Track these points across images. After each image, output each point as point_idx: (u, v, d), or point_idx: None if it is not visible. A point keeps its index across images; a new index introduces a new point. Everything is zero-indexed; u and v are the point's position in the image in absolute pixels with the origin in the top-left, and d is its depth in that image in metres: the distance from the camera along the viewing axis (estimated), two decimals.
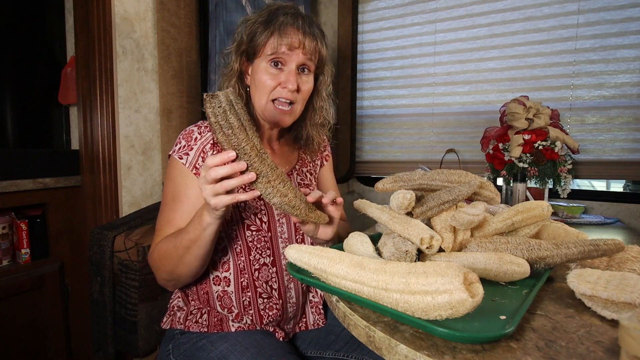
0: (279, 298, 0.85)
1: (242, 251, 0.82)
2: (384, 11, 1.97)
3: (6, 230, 1.37)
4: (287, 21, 0.78)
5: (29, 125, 1.78)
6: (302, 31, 0.78)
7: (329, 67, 0.89)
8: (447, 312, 0.40)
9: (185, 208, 0.78)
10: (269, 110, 0.81)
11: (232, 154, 0.59)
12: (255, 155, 0.61)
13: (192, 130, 0.82)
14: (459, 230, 0.67)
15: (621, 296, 0.46)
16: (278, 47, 0.77)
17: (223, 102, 0.59)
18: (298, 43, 0.78)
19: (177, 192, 0.79)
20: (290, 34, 0.77)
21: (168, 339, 0.85)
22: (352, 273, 0.48)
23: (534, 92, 1.63)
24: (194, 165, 0.79)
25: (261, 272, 0.84)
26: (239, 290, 0.83)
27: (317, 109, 0.91)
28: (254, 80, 0.82)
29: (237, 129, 0.59)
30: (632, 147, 1.51)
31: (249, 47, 0.81)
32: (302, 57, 0.79)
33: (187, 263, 0.72)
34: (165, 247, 0.74)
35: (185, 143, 0.80)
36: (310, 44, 0.79)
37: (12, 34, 1.68)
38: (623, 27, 1.49)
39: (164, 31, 1.50)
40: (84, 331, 1.51)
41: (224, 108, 0.59)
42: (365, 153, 2.10)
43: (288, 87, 0.78)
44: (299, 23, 0.79)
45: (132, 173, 1.46)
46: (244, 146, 0.60)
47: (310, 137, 0.93)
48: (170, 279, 0.77)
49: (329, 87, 0.91)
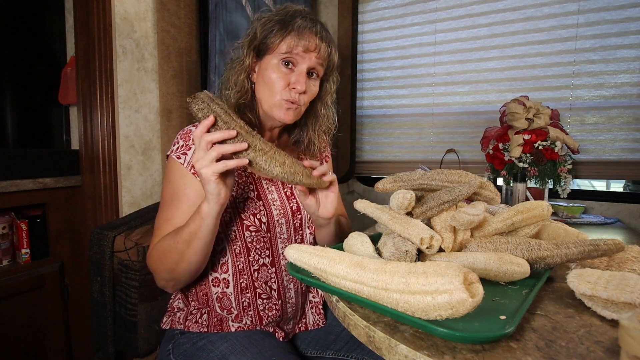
0: (278, 298, 0.85)
1: (242, 252, 0.82)
2: (384, 11, 1.97)
3: (6, 230, 1.37)
4: (305, 24, 0.78)
5: (29, 125, 1.77)
6: (319, 36, 0.79)
7: (335, 76, 0.89)
8: (447, 312, 0.40)
9: (184, 207, 0.77)
10: (277, 107, 0.80)
11: (210, 119, 0.63)
12: (246, 132, 0.65)
13: (190, 130, 0.82)
14: (459, 230, 0.67)
15: (621, 296, 0.46)
16: (294, 47, 0.78)
17: (205, 98, 0.65)
18: (314, 47, 0.78)
19: (175, 191, 0.79)
20: (307, 37, 0.78)
21: (168, 339, 0.85)
22: (352, 273, 0.48)
23: (534, 92, 1.63)
24: (192, 164, 0.79)
25: (260, 273, 0.84)
26: (238, 291, 0.83)
27: (321, 116, 0.91)
28: (262, 77, 0.81)
29: (223, 115, 0.64)
30: (632, 147, 1.51)
31: (262, 43, 0.81)
32: (315, 60, 0.80)
33: (187, 258, 0.72)
34: (165, 245, 0.73)
35: (183, 143, 0.81)
36: (325, 50, 0.80)
37: (12, 34, 1.68)
38: (623, 27, 1.49)
39: (164, 31, 1.49)
40: (84, 331, 1.51)
41: (207, 102, 0.65)
42: (365, 153, 2.10)
43: (297, 88, 0.78)
44: (317, 28, 0.79)
45: (132, 173, 1.46)
46: (233, 128, 0.64)
47: (312, 142, 0.93)
48: (170, 278, 0.77)
49: (333, 95, 0.91)
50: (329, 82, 0.89)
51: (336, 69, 0.89)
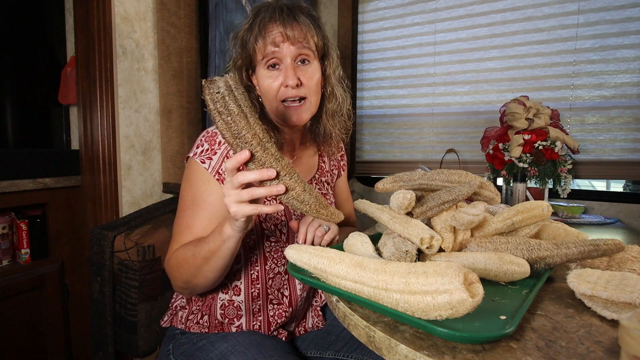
0: (289, 305, 0.85)
1: (258, 261, 0.81)
2: (384, 11, 1.96)
3: (6, 230, 1.37)
4: (266, 17, 0.75)
5: (29, 125, 1.78)
6: (281, 23, 0.74)
7: (333, 51, 0.84)
8: (447, 312, 0.40)
9: (206, 214, 0.75)
10: (280, 111, 0.78)
11: (245, 154, 0.55)
12: (257, 143, 0.57)
13: (216, 133, 0.77)
14: (459, 230, 0.67)
15: (621, 296, 0.46)
16: (265, 49, 0.75)
17: (222, 87, 0.56)
18: (281, 36, 0.74)
19: (197, 197, 0.76)
20: (271, 30, 0.74)
21: (168, 339, 0.85)
22: (352, 273, 0.48)
23: (534, 92, 1.63)
24: (217, 170, 0.76)
25: (275, 281, 0.83)
26: (249, 299, 0.81)
27: (328, 95, 0.85)
28: (260, 88, 0.80)
29: (236, 115, 0.56)
30: (632, 147, 1.51)
31: (245, 58, 0.79)
32: (293, 48, 0.75)
33: (204, 274, 0.70)
34: (184, 256, 0.71)
35: (209, 147, 0.76)
36: (295, 33, 0.74)
37: (12, 34, 1.68)
38: (623, 27, 1.49)
39: (164, 31, 1.49)
40: (84, 331, 1.51)
41: (223, 94, 0.56)
42: (365, 153, 2.10)
43: (289, 84, 0.74)
44: (277, 15, 0.74)
45: (132, 173, 1.46)
46: (245, 134, 0.56)
47: (328, 131, 0.88)
48: (186, 287, 0.75)
49: (337, 71, 0.85)
50: (328, 58, 0.84)
51: (330, 45, 0.83)
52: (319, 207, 0.62)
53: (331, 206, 0.65)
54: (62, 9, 1.72)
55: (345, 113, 0.90)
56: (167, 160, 1.57)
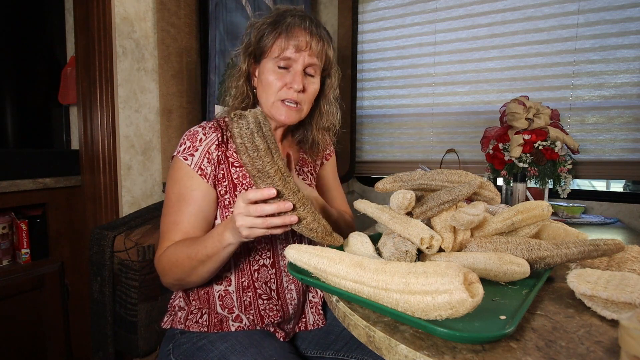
0: (278, 299, 0.85)
1: (242, 252, 0.83)
2: (384, 11, 1.97)
3: (6, 230, 1.37)
4: (294, 22, 0.79)
5: (29, 125, 1.77)
6: (309, 32, 0.79)
7: (335, 70, 0.89)
8: (447, 312, 0.40)
9: (192, 209, 0.78)
10: (276, 108, 0.82)
11: (272, 192, 0.58)
12: (279, 179, 0.59)
13: (197, 131, 0.81)
14: (459, 230, 0.67)
15: (621, 296, 0.46)
16: (285, 48, 0.78)
17: (251, 123, 0.58)
18: (305, 44, 0.78)
19: (182, 193, 0.79)
20: (297, 35, 0.78)
21: (168, 339, 0.85)
22: (352, 273, 0.48)
23: (534, 92, 1.63)
24: (199, 166, 0.79)
25: (260, 273, 0.84)
26: (239, 289, 0.83)
27: (324, 112, 0.91)
28: (261, 80, 0.83)
29: (263, 152, 0.58)
30: (632, 147, 1.51)
31: (257, 48, 0.82)
32: (309, 58, 0.80)
33: (199, 274, 0.73)
34: (177, 256, 0.73)
35: (190, 144, 0.80)
36: (317, 46, 0.80)
37: (12, 34, 1.68)
38: (623, 27, 1.49)
39: (164, 31, 1.49)
40: (84, 331, 1.51)
41: (252, 130, 0.57)
42: (365, 153, 2.10)
43: (294, 87, 0.79)
44: (306, 24, 0.79)
45: (132, 173, 1.46)
46: (269, 170, 0.58)
47: (316, 141, 0.93)
48: (177, 283, 0.78)
49: (335, 91, 0.91)
50: (330, 77, 0.89)
51: (335, 63, 0.88)
52: (325, 234, 0.65)
53: (334, 233, 0.68)
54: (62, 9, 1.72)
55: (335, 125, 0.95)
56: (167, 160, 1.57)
